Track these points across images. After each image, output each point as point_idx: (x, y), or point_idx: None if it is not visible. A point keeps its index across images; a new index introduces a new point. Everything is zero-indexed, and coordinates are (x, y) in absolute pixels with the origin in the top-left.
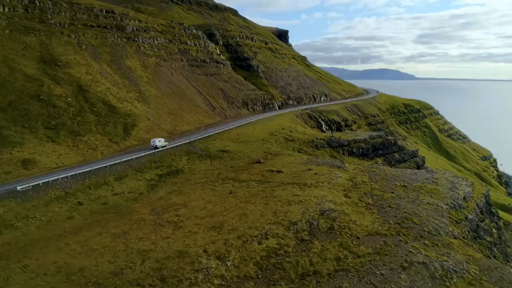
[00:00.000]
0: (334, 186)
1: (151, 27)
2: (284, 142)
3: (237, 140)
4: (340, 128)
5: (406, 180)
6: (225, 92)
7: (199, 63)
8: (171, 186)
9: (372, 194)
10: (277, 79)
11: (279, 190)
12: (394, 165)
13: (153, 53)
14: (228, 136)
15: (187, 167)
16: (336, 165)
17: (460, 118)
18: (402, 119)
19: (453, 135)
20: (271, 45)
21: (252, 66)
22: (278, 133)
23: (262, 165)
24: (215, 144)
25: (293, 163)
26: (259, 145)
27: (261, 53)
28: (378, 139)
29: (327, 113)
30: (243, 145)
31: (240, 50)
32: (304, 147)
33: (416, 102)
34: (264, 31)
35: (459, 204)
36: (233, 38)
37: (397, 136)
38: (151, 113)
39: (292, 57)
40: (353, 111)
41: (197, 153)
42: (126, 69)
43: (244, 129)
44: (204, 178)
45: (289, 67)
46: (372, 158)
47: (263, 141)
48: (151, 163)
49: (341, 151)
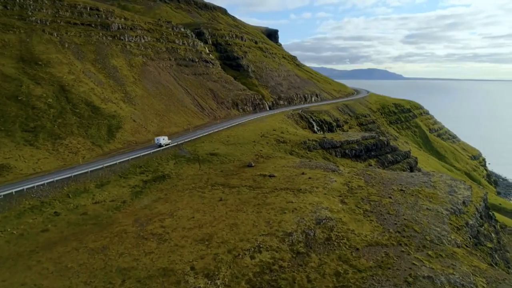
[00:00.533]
0: (329, 191)
1: (137, 26)
2: (275, 144)
3: (227, 142)
4: (331, 129)
5: (403, 184)
6: (215, 92)
7: (188, 62)
8: (156, 193)
9: (369, 199)
10: (267, 79)
11: (272, 196)
12: (387, 166)
13: (140, 52)
14: (217, 138)
15: (174, 172)
16: (331, 169)
17: (448, 117)
18: (392, 119)
19: (443, 134)
20: (261, 45)
21: (242, 66)
22: (269, 134)
23: (254, 169)
24: (204, 147)
25: (286, 166)
26: (250, 148)
27: (251, 52)
28: (371, 140)
29: (319, 114)
30: (233, 147)
31: (229, 49)
32: (296, 148)
33: (406, 102)
34: (254, 31)
35: (459, 209)
36: (222, 37)
37: (388, 136)
38: (137, 114)
39: (282, 56)
40: (344, 111)
41: (185, 156)
42: (111, 69)
43: (234, 131)
44: (192, 184)
45: (280, 67)
46: (365, 159)
47: (254, 143)
48: (135, 168)
49: (334, 152)
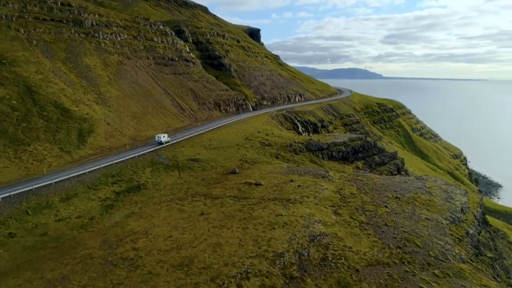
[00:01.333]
0: (321, 201)
1: (113, 22)
2: (260, 147)
3: (209, 146)
4: (316, 129)
5: (398, 191)
6: (196, 93)
7: (167, 61)
8: (130, 207)
9: (364, 209)
10: (250, 79)
11: (259, 209)
12: (374, 168)
13: (115, 50)
14: (199, 142)
15: (151, 181)
16: (320, 175)
17: (428, 116)
18: (376, 118)
19: (425, 134)
20: (243, 43)
21: (224, 65)
22: (254, 137)
23: (238, 176)
24: (184, 152)
25: (273, 173)
26: (234, 152)
27: (233, 51)
28: (358, 142)
29: (303, 114)
30: (215, 152)
31: (211, 48)
32: (282, 151)
33: (389, 101)
34: (236, 29)
35: (458, 218)
36: (203, 35)
37: (373, 136)
38: (111, 116)
39: (265, 56)
40: (329, 111)
41: (163, 163)
42: (84, 68)
43: (216, 133)
44: (170, 195)
45: (263, 66)
46: (353, 161)
47: (237, 146)
48: (107, 177)
49: (321, 155)
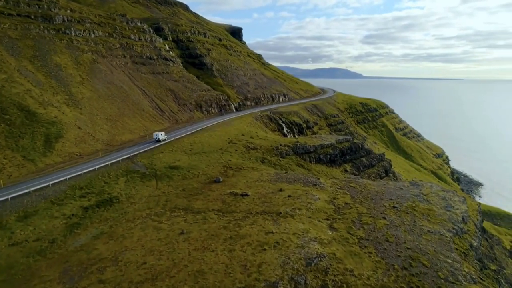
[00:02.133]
0: (314, 213)
1: (86, 18)
2: (245, 151)
3: (190, 151)
4: (301, 131)
5: (395, 199)
6: (176, 93)
7: (145, 60)
8: (99, 225)
9: (361, 222)
10: (233, 78)
11: (246, 225)
12: (362, 171)
13: (89, 48)
14: (179, 147)
15: (124, 193)
16: (311, 182)
17: (408, 116)
18: (360, 118)
19: (408, 133)
20: (225, 42)
21: (206, 64)
22: (238, 140)
23: (222, 185)
24: (162, 159)
25: (260, 180)
26: (217, 157)
27: (215, 50)
28: (345, 144)
29: (288, 115)
30: (197, 158)
31: (191, 47)
32: (268, 155)
33: (372, 101)
34: (217, 28)
35: (461, 229)
36: (183, 33)
37: (358, 137)
38: (83, 120)
39: (247, 55)
40: (313, 111)
41: (139, 172)
42: (54, 67)
43: (198, 137)
44: (146, 210)
45: (245, 66)
46: (340, 164)
47: (221, 151)
48: (75, 189)
49: (308, 158)
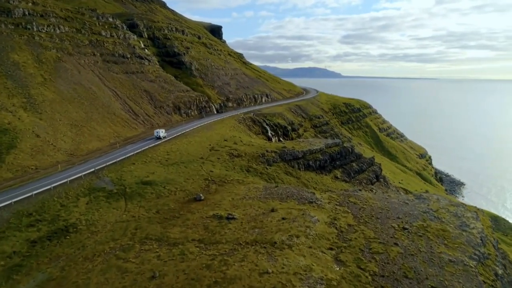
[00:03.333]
0: (315, 241)
1: (51, 12)
2: (229, 160)
3: (166, 162)
4: (286, 133)
5: (402, 218)
6: (151, 95)
7: (117, 58)
8: (47, 267)
9: (371, 250)
10: (213, 78)
11: (235, 262)
12: (353, 177)
13: (53, 45)
14: (154, 156)
15: (85, 219)
16: (306, 199)
17: (389, 115)
18: (344, 119)
19: (392, 134)
20: (205, 40)
21: (184, 63)
22: (221, 146)
23: (204, 205)
24: (134, 172)
25: (248, 197)
26: (197, 168)
27: (194, 48)
28: (335, 148)
29: (272, 117)
30: (175, 169)
31: (169, 44)
32: (254, 163)
33: (356, 101)
34: (196, 26)
35: (482, 254)
36: (160, 30)
37: (343, 138)
38: (42, 126)
39: (228, 54)
40: (297, 112)
41: (105, 189)
42: (11, 65)
43: (176, 144)
44: (110, 242)
45: (226, 65)
46: (330, 170)
47: (202, 160)
48: (22, 216)
49: (296, 165)
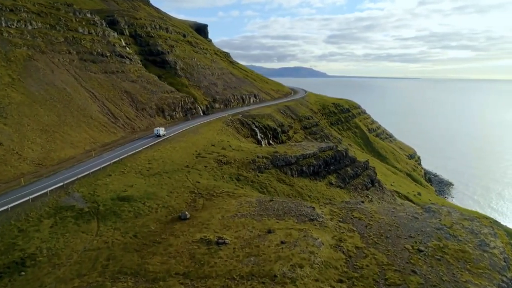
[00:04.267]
0: (322, 272)
1: (21, 7)
2: (217, 168)
3: (147, 172)
4: (276, 136)
5: (415, 236)
6: (133, 96)
7: (95, 57)
8: None
9: (387, 282)
10: (199, 78)
11: None
12: (348, 182)
13: (24, 42)
14: (134, 166)
15: (46, 247)
16: (306, 215)
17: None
18: (333, 119)
19: (381, 134)
20: (190, 38)
21: (168, 62)
22: (208, 152)
23: (190, 225)
24: (110, 185)
25: (240, 215)
26: (182, 178)
27: (179, 46)
28: (329, 152)
29: (261, 118)
30: (157, 181)
31: (152, 43)
32: (244, 171)
33: (345, 101)
34: (181, 24)
35: (509, 280)
36: (143, 27)
37: (333, 140)
38: (6, 132)
39: (214, 53)
40: (287, 113)
41: (74, 208)
42: None
43: (159, 150)
44: (76, 279)
45: (213, 64)
46: (325, 176)
47: (187, 168)
48: None
49: (289, 171)
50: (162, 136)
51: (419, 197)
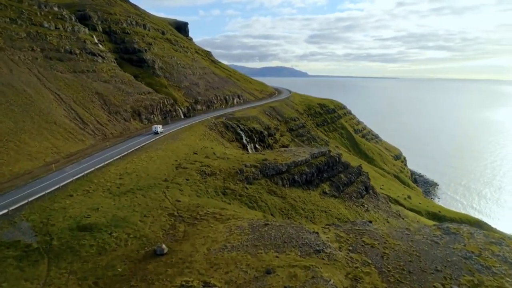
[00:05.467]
0: None
1: None
2: (200, 180)
3: (118, 189)
4: (263, 139)
5: (442, 270)
6: (105, 98)
7: (63, 54)
8: None
9: None
10: (180, 78)
11: None
12: (342, 190)
13: None
14: (101, 182)
15: None
16: (311, 246)
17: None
18: (319, 120)
19: (367, 135)
20: (169, 36)
21: (146, 61)
22: (190, 162)
23: (167, 264)
24: (69, 210)
25: (229, 247)
26: (160, 196)
27: (158, 44)
28: (321, 158)
29: (246, 121)
30: (128, 201)
31: (128, 40)
32: (231, 182)
33: (330, 101)
34: (161, 22)
35: None
36: (118, 23)
37: (320, 142)
38: None
39: (195, 51)
40: (272, 115)
41: (18, 244)
42: None
43: (133, 162)
44: None
45: (194, 63)
46: (318, 184)
47: (166, 183)
48: None
49: (280, 181)
50: (160, 134)
51: (409, 200)
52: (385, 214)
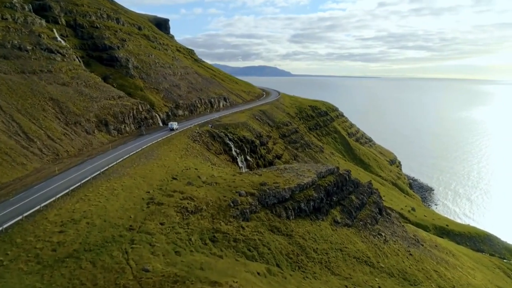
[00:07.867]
0: None
1: None
2: (180, 223)
3: (53, 254)
4: (254, 149)
5: None
6: (62, 105)
7: (10, 51)
8: None
9: None
10: (158, 79)
11: None
12: (355, 216)
13: None
14: (28, 242)
15: None
16: None
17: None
18: (311, 124)
19: (360, 138)
20: (147, 32)
21: (118, 60)
22: (166, 193)
23: None
24: None
25: None
26: (117, 262)
27: (133, 41)
28: (330, 178)
29: (235, 128)
30: (66, 277)
31: (97, 35)
32: (222, 221)
33: (321, 103)
34: (139, 18)
35: None
36: (85, 16)
37: (314, 148)
38: None
39: (176, 49)
40: (263, 120)
41: None
42: None
43: (86, 198)
44: None
45: (175, 62)
46: (327, 212)
47: (130, 235)
48: None
49: (284, 211)
50: (175, 130)
51: (414, 213)
52: (405, 243)
